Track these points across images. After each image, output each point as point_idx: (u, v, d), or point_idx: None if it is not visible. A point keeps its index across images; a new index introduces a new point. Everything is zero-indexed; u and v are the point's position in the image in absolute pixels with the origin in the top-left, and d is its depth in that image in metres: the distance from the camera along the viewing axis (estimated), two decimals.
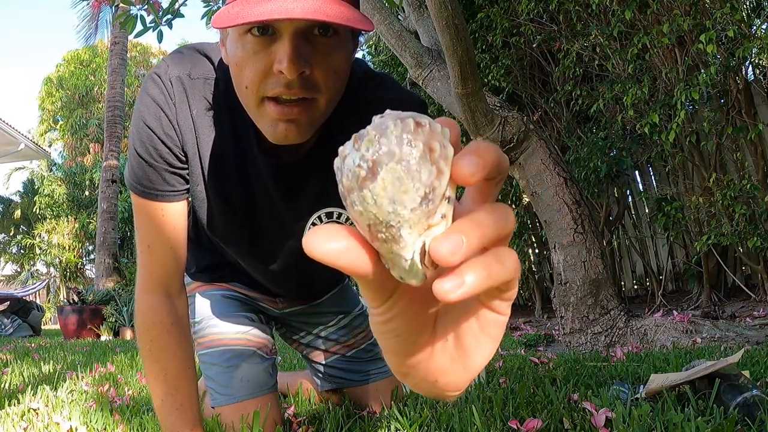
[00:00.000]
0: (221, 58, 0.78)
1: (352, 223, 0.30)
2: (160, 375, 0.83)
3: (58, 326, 7.74)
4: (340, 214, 0.87)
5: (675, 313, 2.46)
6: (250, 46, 0.65)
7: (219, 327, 1.09)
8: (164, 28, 3.14)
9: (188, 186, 0.84)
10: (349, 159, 0.25)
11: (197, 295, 1.16)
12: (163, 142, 0.79)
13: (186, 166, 0.83)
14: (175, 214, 0.83)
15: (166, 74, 0.79)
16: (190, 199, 0.87)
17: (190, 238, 0.93)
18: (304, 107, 0.67)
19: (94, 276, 9.19)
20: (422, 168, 0.24)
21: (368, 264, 0.26)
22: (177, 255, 0.84)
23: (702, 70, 2.79)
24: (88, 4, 12.47)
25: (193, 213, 0.92)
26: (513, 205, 4.75)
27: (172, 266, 0.84)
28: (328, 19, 0.59)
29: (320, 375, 1.29)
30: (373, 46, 6.11)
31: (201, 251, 1.10)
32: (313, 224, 0.88)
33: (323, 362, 1.25)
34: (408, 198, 0.24)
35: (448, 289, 0.24)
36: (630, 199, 4.77)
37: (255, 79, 0.66)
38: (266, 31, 0.64)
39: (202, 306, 1.13)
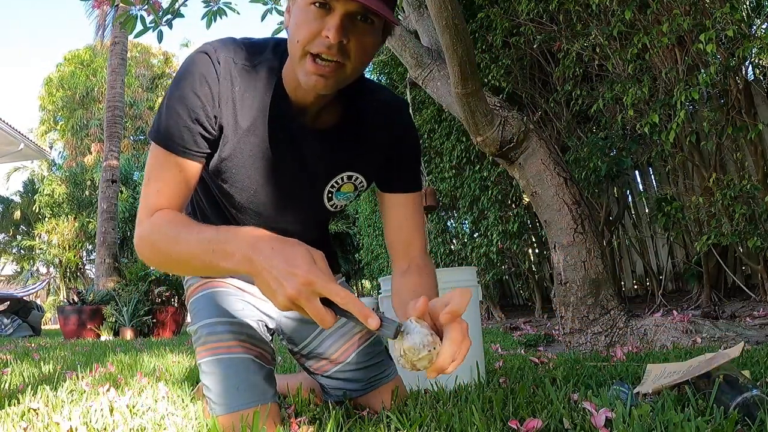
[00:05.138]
0: (267, 49, 0.96)
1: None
2: (183, 245, 0.83)
3: (58, 326, 7.74)
4: (357, 177, 1.07)
5: (675, 313, 2.46)
6: (311, 14, 0.83)
7: (216, 335, 1.09)
8: (164, 28, 3.14)
9: (209, 152, 0.96)
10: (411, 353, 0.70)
11: (195, 299, 1.17)
12: (204, 110, 0.92)
13: (215, 134, 0.95)
14: (192, 171, 0.95)
15: (215, 54, 0.92)
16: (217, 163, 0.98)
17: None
18: (335, 68, 0.84)
19: (94, 276, 9.18)
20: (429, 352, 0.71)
21: None
22: (181, 203, 0.94)
23: (702, 70, 2.78)
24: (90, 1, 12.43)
25: (214, 182, 1.03)
26: (513, 205, 4.75)
27: (175, 208, 0.93)
28: (373, 7, 0.79)
29: (323, 388, 1.29)
30: None
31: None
32: (336, 183, 1.06)
33: (325, 374, 1.25)
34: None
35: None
36: (630, 199, 4.77)
37: (306, 37, 0.83)
38: (325, 6, 0.82)
39: (200, 312, 1.14)
